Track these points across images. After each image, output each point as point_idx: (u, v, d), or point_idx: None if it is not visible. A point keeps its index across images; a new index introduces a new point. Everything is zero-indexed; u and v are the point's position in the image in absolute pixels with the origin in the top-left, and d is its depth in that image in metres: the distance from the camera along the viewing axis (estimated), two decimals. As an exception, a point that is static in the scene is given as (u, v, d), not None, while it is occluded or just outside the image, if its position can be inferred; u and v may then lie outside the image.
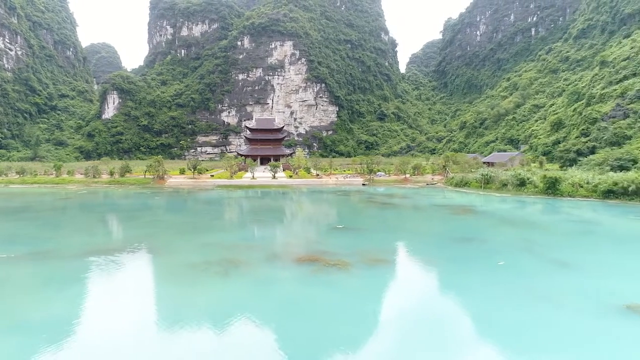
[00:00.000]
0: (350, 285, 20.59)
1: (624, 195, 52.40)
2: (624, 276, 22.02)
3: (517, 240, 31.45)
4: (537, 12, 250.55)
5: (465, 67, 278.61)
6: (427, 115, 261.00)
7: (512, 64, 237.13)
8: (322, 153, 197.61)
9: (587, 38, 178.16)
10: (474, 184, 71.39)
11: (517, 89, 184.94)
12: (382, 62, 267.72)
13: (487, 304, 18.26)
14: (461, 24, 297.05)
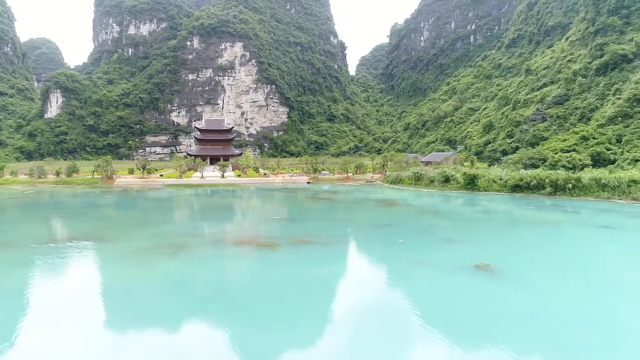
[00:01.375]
0: (276, 259, 25.65)
1: (527, 189, 60.77)
2: (487, 247, 28.54)
3: (424, 225, 37.75)
4: (476, 21, 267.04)
5: (411, 70, 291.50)
6: (375, 116, 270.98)
7: (453, 68, 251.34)
8: (273, 153, 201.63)
9: (516, 47, 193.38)
10: (406, 181, 78.49)
11: (455, 93, 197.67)
12: (331, 65, 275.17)
13: (380, 268, 23.90)
14: (406, 29, 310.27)
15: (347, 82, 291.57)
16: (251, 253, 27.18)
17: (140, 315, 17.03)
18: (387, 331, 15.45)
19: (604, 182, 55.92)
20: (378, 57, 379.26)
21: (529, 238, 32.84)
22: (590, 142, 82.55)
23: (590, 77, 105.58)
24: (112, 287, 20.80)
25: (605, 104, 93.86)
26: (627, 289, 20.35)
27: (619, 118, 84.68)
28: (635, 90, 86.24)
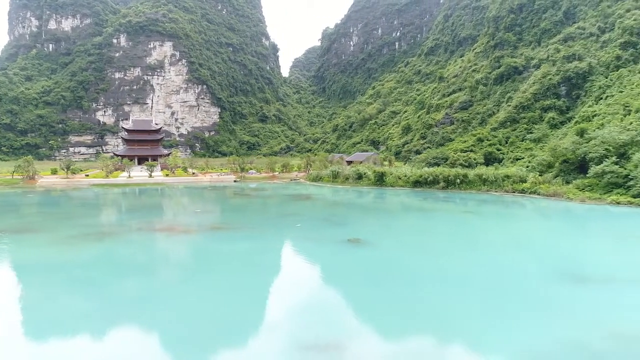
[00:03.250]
0: (191, 240, 30.94)
1: (426, 184, 70.01)
2: (365, 228, 35.74)
3: (325, 214, 44.52)
4: (400, 29, 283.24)
5: (341, 74, 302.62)
6: (307, 117, 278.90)
7: (380, 73, 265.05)
8: (205, 153, 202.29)
9: (434, 55, 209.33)
10: (326, 178, 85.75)
11: (380, 97, 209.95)
12: (263, 66, 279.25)
13: (277, 243, 30.00)
14: (337, 33, 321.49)
15: (280, 84, 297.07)
16: (168, 237, 32.21)
17: (72, 284, 21.71)
18: (280, 280, 21.52)
19: (485, 178, 66.27)
20: (311, 59, 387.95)
21: (402, 221, 40.61)
22: (485, 144, 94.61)
23: (490, 86, 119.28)
24: (46, 262, 25.05)
25: (499, 110, 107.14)
26: (453, 253, 28.01)
27: (508, 122, 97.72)
28: (521, 98, 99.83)
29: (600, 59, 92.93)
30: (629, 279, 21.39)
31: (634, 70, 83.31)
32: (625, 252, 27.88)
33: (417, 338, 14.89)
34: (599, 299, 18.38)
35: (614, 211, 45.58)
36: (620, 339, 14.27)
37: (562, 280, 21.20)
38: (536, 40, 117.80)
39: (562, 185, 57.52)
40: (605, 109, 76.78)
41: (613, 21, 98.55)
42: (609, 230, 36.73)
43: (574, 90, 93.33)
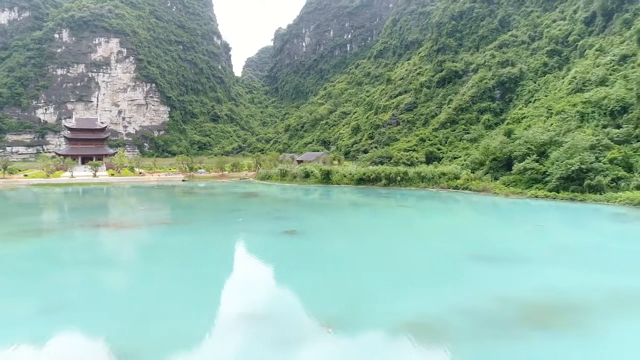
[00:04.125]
0: (133, 235, 31.83)
1: (369, 181, 73.24)
2: (302, 221, 37.94)
3: (268, 209, 46.35)
4: (351, 31, 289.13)
5: (294, 74, 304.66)
6: (260, 117, 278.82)
7: (332, 74, 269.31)
8: (154, 153, 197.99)
9: (383, 58, 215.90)
10: (274, 177, 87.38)
11: (331, 98, 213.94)
12: (215, 65, 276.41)
13: (219, 235, 31.49)
14: (289, 34, 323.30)
15: (232, 83, 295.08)
16: (110, 232, 32.92)
17: (10, 272, 22.35)
18: (218, 266, 23.10)
19: (423, 175, 70.31)
20: (264, 59, 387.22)
21: (340, 214, 43.16)
22: (426, 143, 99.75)
23: (433, 89, 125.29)
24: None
25: (441, 112, 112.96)
26: (381, 241, 30.66)
27: (448, 123, 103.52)
28: (460, 101, 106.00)
29: (530, 65, 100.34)
30: (526, 259, 24.72)
31: (558, 76, 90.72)
32: (530, 238, 31.61)
33: (337, 308, 16.99)
34: (495, 274, 21.36)
35: (532, 204, 50.20)
36: (499, 300, 17.08)
37: (471, 260, 24.16)
38: (475, 46, 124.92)
39: (491, 182, 62.28)
40: (532, 112, 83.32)
41: (541, 30, 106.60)
42: (522, 220, 40.92)
43: (507, 94, 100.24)
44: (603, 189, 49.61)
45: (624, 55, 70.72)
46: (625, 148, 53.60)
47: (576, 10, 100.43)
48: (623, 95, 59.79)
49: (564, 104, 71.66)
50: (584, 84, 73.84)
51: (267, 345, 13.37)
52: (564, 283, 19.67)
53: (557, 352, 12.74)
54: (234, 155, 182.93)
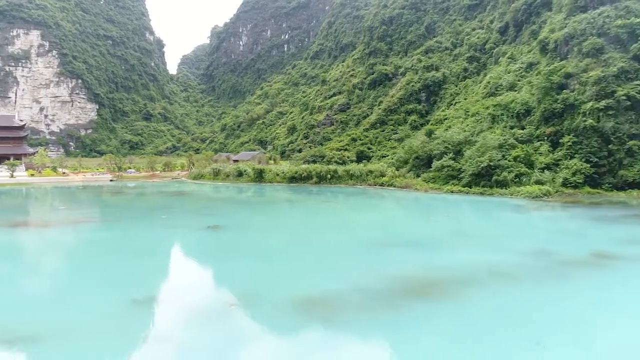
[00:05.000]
0: (49, 233, 31.32)
1: (300, 179, 75.20)
2: (227, 217, 38.99)
3: (196, 207, 46.80)
4: (289, 32, 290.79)
5: (231, 73, 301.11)
6: (195, 117, 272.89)
7: (269, 74, 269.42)
8: (81, 153, 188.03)
9: (319, 59, 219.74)
10: (207, 176, 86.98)
11: (268, 97, 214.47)
12: (147, 62, 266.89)
13: (142, 230, 31.76)
14: (226, 32, 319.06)
15: (166, 81, 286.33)
16: (26, 231, 32.14)
17: None
18: (136, 259, 23.59)
19: (352, 173, 73.44)
20: (200, 56, 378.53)
21: (267, 210, 44.67)
22: (357, 143, 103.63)
23: (365, 90, 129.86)
24: None
25: (372, 113, 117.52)
26: (301, 233, 32.47)
27: (378, 124, 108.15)
28: (389, 102, 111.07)
29: (452, 70, 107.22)
30: (426, 244, 27.59)
31: (476, 80, 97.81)
32: (436, 227, 34.90)
33: (244, 289, 18.39)
34: (395, 257, 23.80)
35: (448, 198, 54.47)
36: (393, 278, 19.36)
37: (377, 247, 26.55)
38: (403, 51, 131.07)
39: (413, 178, 66.48)
40: (453, 113, 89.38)
41: (462, 38, 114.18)
42: (434, 212, 44.62)
43: (431, 97, 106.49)
44: (508, 183, 54.92)
45: (530, 63, 77.83)
46: (527, 147, 59.52)
47: (492, 20, 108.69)
48: (527, 100, 66.12)
49: (479, 106, 77.77)
50: (496, 88, 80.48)
51: (175, 323, 14.59)
52: (451, 262, 22.47)
53: (432, 316, 15.09)
54: (168, 155, 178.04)
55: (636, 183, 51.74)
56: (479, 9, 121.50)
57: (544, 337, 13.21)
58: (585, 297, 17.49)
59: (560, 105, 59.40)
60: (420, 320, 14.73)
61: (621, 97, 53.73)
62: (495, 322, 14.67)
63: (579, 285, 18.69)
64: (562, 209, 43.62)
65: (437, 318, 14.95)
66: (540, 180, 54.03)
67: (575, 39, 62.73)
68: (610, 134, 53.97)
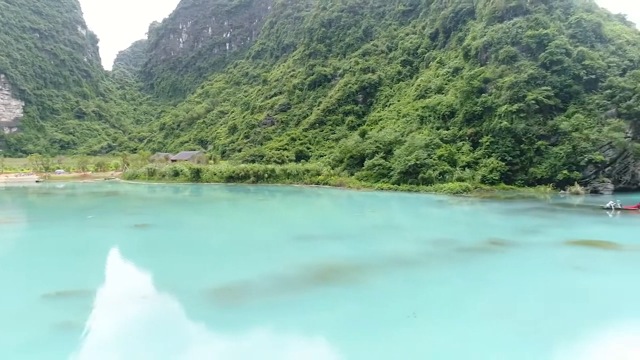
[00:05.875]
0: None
1: (238, 179, 75.52)
2: (156, 215, 39.09)
3: (125, 206, 46.25)
4: (230, 30, 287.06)
5: (170, 71, 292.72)
6: (133, 115, 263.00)
7: (210, 72, 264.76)
8: (5, 152, 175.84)
9: (261, 59, 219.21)
10: (142, 176, 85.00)
11: (209, 96, 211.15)
12: (79, 57, 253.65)
13: (67, 230, 31.25)
14: (165, 29, 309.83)
15: (101, 78, 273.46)
16: None
17: None
18: (62, 258, 23.43)
19: (289, 172, 74.82)
20: (138, 53, 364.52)
21: (198, 209, 44.99)
22: (297, 143, 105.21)
23: (305, 91, 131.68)
24: None
25: (311, 113, 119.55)
26: (228, 229, 33.30)
27: (317, 124, 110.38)
28: (328, 103, 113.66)
29: (387, 73, 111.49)
30: (343, 236, 29.45)
31: (409, 83, 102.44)
32: (358, 221, 37.03)
33: (160, 282, 19.20)
34: (310, 249, 25.38)
35: (379, 195, 57.19)
36: (301, 267, 20.86)
37: (296, 240, 28.07)
38: (342, 53, 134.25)
39: (347, 177, 68.94)
40: (387, 114, 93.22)
41: (397, 42, 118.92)
42: (361, 207, 46.93)
43: (368, 98, 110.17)
44: (433, 181, 58.58)
45: (456, 67, 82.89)
46: (451, 146, 63.75)
47: (424, 26, 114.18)
48: (452, 102, 70.64)
49: (409, 108, 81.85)
50: (426, 91, 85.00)
51: (85, 316, 15.18)
52: (362, 252, 24.38)
53: (328, 297, 16.70)
54: (103, 155, 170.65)
55: (544, 179, 56.94)
56: (412, 14, 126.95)
57: (420, 310, 15.20)
58: (467, 277, 19.87)
59: (479, 108, 64.12)
60: (317, 301, 16.30)
61: (531, 101, 58.99)
62: (382, 300, 16.53)
63: (466, 268, 21.12)
64: (478, 203, 47.39)
65: (333, 298, 16.59)
66: (461, 177, 58.16)
67: (492, 46, 67.88)
68: (522, 134, 59.08)
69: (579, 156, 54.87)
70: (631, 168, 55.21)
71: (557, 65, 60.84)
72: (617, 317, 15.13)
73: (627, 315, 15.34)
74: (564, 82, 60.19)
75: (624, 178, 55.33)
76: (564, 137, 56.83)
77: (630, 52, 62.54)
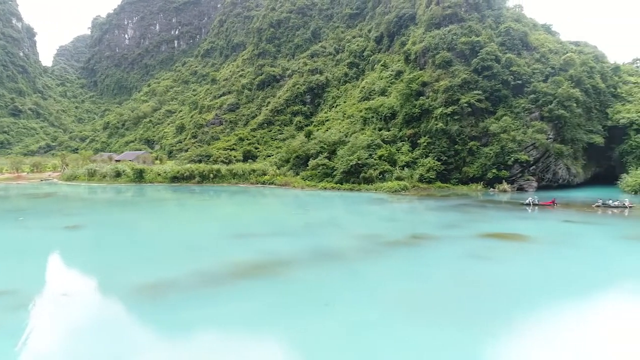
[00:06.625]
0: None
1: (183, 179, 74.73)
2: (91, 216, 38.47)
3: (60, 208, 45.08)
4: (179, 27, 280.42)
5: (115, 68, 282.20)
6: (74, 113, 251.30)
7: (158, 70, 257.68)
8: None
9: (210, 57, 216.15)
10: (82, 177, 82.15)
11: (156, 95, 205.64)
12: (15, 52, 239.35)
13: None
14: (109, 24, 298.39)
15: (39, 73, 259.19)
16: None
17: None
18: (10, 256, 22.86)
19: (235, 172, 74.97)
20: (80, 48, 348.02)
21: (135, 209, 44.65)
22: (245, 143, 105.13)
23: (253, 91, 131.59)
24: None
25: (260, 113, 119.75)
26: (163, 228, 33.45)
27: (265, 124, 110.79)
28: (276, 103, 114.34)
29: (334, 74, 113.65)
30: (277, 234, 30.54)
31: (356, 85, 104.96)
32: (293, 219, 38.21)
33: (86, 281, 19.47)
34: (242, 246, 26.25)
35: (322, 194, 58.63)
36: (230, 264, 21.72)
37: (230, 238, 28.83)
38: (291, 54, 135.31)
39: (293, 177, 70.10)
40: (333, 115, 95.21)
41: (344, 44, 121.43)
42: (296, 206, 48.17)
43: (316, 99, 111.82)
44: (373, 180, 60.86)
45: (399, 71, 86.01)
46: (391, 147, 66.38)
47: (370, 29, 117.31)
48: (393, 104, 73.42)
49: (354, 109, 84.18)
50: (370, 93, 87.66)
51: (10, 311, 15.36)
52: (291, 248, 25.54)
53: (250, 290, 17.69)
54: (41, 155, 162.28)
55: (476, 178, 60.63)
56: (359, 18, 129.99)
57: (334, 299, 16.53)
58: (383, 268, 21.51)
59: (418, 110, 67.16)
60: (237, 293, 17.27)
61: (464, 104, 62.57)
62: (300, 291, 17.77)
63: (384, 260, 22.79)
64: (415, 201, 49.89)
65: (253, 290, 17.63)
66: (400, 176, 60.81)
67: (430, 52, 71.22)
68: (456, 135, 62.54)
69: (507, 156, 58.90)
70: (552, 167, 59.91)
71: (488, 71, 64.86)
72: (496, 298, 17.14)
73: (505, 297, 17.41)
74: (494, 86, 64.30)
75: (547, 176, 59.96)
76: (493, 138, 60.79)
77: (552, 59, 67.64)
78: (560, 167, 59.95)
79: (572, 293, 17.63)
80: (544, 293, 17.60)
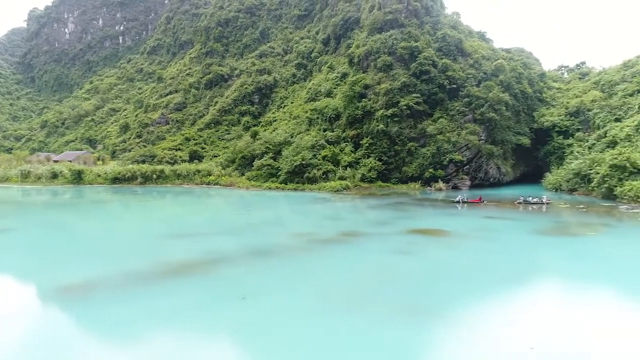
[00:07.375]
0: None
1: (124, 180, 73.04)
2: (18, 219, 37.25)
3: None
4: (124, 23, 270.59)
5: (55, 63, 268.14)
6: (9, 111, 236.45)
7: (101, 67, 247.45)
8: None
9: (157, 55, 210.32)
10: (14, 179, 78.29)
11: (98, 92, 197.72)
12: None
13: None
14: (47, 17, 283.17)
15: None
16: None
17: None
18: None
19: (179, 173, 74.20)
20: (16, 42, 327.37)
21: (66, 211, 43.54)
22: (191, 143, 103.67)
23: (201, 90, 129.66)
24: None
25: (208, 113, 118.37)
26: (92, 230, 33.00)
27: (212, 124, 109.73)
28: (224, 103, 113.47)
29: (282, 75, 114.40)
30: (213, 233, 30.99)
31: (303, 86, 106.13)
32: (234, 218, 38.73)
33: (18, 281, 19.25)
34: (176, 246, 26.54)
35: (267, 194, 59.32)
36: (161, 263, 22.03)
37: (166, 238, 29.01)
38: (239, 53, 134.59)
39: (238, 177, 70.31)
40: (281, 116, 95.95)
41: (292, 45, 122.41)
42: (243, 206, 48.71)
43: (264, 99, 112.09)
44: (317, 180, 62.29)
45: (344, 73, 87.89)
46: (335, 147, 68.07)
47: (318, 31, 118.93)
48: (337, 106, 75.15)
49: (300, 110, 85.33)
50: (316, 94, 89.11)
51: None
52: (224, 247, 26.17)
53: (176, 287, 18.24)
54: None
55: (415, 177, 63.49)
56: (307, 19, 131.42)
57: (253, 293, 17.45)
58: (308, 264, 22.66)
59: (360, 112, 69.28)
60: (162, 290, 17.78)
61: (403, 106, 65.27)
62: (223, 287, 18.56)
63: (312, 256, 23.96)
64: (356, 200, 51.63)
65: (178, 288, 18.21)
66: (343, 176, 62.60)
67: (372, 55, 73.61)
68: (396, 137, 65.15)
69: (442, 156, 62.12)
70: (484, 167, 63.78)
71: (426, 75, 67.99)
72: (411, 290, 18.72)
73: (418, 289, 19.05)
74: (431, 90, 67.50)
75: (479, 175, 63.76)
76: (430, 140, 63.88)
77: (485, 65, 71.89)
78: (491, 166, 63.91)
79: (483, 282, 19.48)
80: (456, 282, 19.33)
